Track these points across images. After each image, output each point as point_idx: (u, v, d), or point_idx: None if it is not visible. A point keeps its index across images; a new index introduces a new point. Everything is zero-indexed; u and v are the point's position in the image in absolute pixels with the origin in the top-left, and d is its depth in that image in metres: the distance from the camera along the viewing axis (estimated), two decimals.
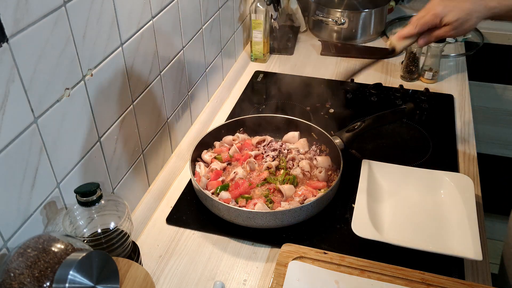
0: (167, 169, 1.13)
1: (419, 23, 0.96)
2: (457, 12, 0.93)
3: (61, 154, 0.75)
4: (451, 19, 0.93)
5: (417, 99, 1.38)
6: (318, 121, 1.28)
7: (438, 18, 0.94)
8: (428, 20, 0.95)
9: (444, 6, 0.94)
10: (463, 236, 0.90)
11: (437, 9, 0.94)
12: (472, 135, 1.25)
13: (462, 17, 0.93)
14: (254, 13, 1.50)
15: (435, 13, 0.94)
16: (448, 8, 0.94)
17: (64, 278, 0.57)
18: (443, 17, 0.94)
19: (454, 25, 0.94)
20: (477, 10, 0.93)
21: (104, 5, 0.79)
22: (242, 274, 0.91)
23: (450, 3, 0.95)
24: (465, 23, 0.94)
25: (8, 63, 0.61)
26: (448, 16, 0.93)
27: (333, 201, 1.02)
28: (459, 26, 0.94)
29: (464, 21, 0.94)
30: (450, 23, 0.94)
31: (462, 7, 0.93)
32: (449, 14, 0.93)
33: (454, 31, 0.95)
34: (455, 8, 0.94)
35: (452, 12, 0.93)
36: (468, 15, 0.93)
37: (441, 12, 0.94)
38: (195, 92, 1.25)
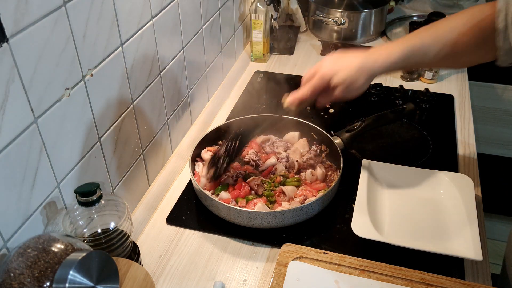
0: (167, 169, 1.13)
1: (310, 87, 0.89)
2: (344, 72, 0.86)
3: (61, 154, 0.75)
4: (339, 81, 0.87)
5: (417, 99, 1.38)
6: (318, 121, 1.28)
7: (325, 81, 0.88)
8: (316, 83, 0.89)
9: (331, 67, 0.88)
10: (463, 236, 0.90)
11: (324, 70, 0.88)
12: (472, 135, 1.25)
13: (350, 76, 0.86)
14: (254, 13, 1.50)
15: (321, 75, 0.88)
16: (335, 68, 0.87)
17: (64, 278, 0.57)
18: (331, 78, 0.87)
19: (344, 86, 0.87)
20: (366, 68, 0.86)
21: (104, 5, 0.79)
22: (242, 274, 0.91)
23: (339, 62, 0.88)
24: (354, 82, 0.87)
25: (8, 63, 0.61)
26: (336, 78, 0.87)
27: (333, 201, 1.02)
28: (349, 86, 0.87)
29: (354, 81, 0.87)
30: (339, 84, 0.87)
31: (350, 66, 0.87)
32: (336, 75, 0.87)
33: (344, 92, 0.88)
34: (342, 68, 0.87)
35: (340, 73, 0.87)
36: (356, 74, 0.86)
37: (327, 74, 0.87)
38: (195, 92, 1.25)
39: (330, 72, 0.87)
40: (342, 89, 0.88)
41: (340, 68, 0.87)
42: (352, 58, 0.88)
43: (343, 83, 0.87)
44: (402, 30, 1.78)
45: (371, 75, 0.88)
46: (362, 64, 0.87)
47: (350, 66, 0.87)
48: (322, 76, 0.88)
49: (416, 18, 1.82)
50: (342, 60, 0.88)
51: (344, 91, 0.88)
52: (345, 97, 0.89)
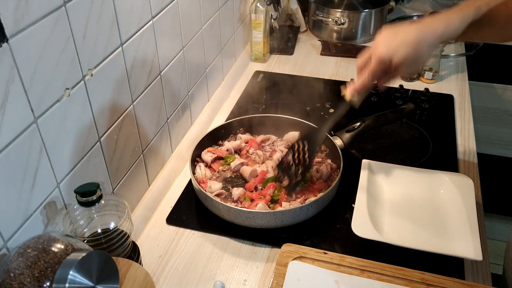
0: (167, 169, 1.13)
1: (370, 72, 0.85)
2: (404, 49, 0.81)
3: (61, 154, 0.75)
4: (400, 59, 0.81)
5: (417, 99, 1.38)
6: (318, 121, 1.28)
7: (385, 63, 0.83)
8: (376, 68, 0.84)
9: (388, 47, 0.82)
10: (463, 236, 0.90)
11: (381, 52, 0.82)
12: (472, 135, 1.25)
13: (411, 52, 0.81)
14: (254, 13, 1.50)
15: (379, 58, 0.83)
16: (393, 48, 0.82)
17: (64, 278, 0.57)
18: (391, 59, 0.82)
19: (406, 63, 0.82)
20: (425, 39, 0.81)
21: (104, 5, 0.79)
22: (242, 274, 0.91)
23: (394, 40, 0.82)
24: (417, 58, 0.82)
25: (8, 63, 0.61)
26: (396, 57, 0.81)
27: (333, 201, 1.02)
28: (412, 63, 0.83)
29: (416, 56, 0.82)
30: (401, 63, 0.82)
31: (408, 41, 0.81)
32: (396, 55, 0.81)
33: (409, 69, 0.84)
34: (400, 46, 0.81)
35: (399, 51, 0.81)
36: (417, 48, 0.81)
37: (386, 55, 0.82)
38: (195, 92, 1.25)
39: (388, 52, 0.82)
40: (406, 67, 0.83)
41: (397, 47, 0.81)
42: (407, 32, 0.82)
43: (405, 62, 0.82)
44: None
45: (432, 46, 0.82)
46: (420, 37, 0.81)
47: (408, 42, 0.81)
48: (381, 59, 0.83)
49: (416, 18, 1.82)
50: (397, 37, 0.82)
51: (407, 67, 0.84)
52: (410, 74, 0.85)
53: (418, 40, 0.81)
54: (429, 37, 0.81)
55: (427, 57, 0.84)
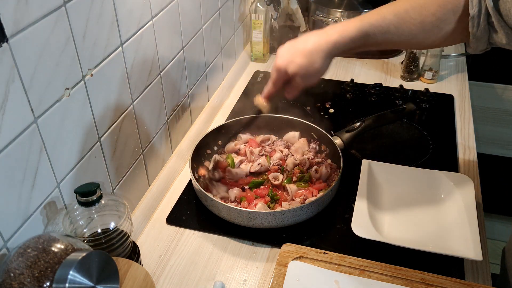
0: (167, 169, 1.13)
1: (272, 81, 0.87)
2: (298, 59, 0.82)
3: (61, 154, 0.75)
4: (295, 70, 0.82)
5: (417, 99, 1.38)
6: (318, 121, 1.28)
7: (282, 72, 0.84)
8: (275, 77, 0.85)
9: (285, 57, 0.83)
10: (463, 236, 0.90)
11: (277, 62, 0.84)
12: (472, 135, 1.25)
13: (304, 62, 0.82)
14: (254, 13, 1.50)
15: (276, 68, 0.84)
16: (287, 57, 0.83)
17: (64, 278, 0.57)
18: (286, 69, 0.83)
19: (301, 74, 0.83)
20: (318, 48, 0.81)
21: (104, 5, 0.79)
22: (242, 274, 0.91)
23: (292, 49, 0.83)
24: (311, 67, 0.82)
25: (8, 63, 0.61)
26: (291, 67, 0.82)
27: (333, 201, 1.02)
28: (306, 73, 0.83)
29: (309, 66, 0.82)
30: (296, 73, 0.83)
31: (303, 51, 0.82)
32: (290, 65, 0.82)
33: (305, 79, 0.84)
34: (296, 55, 0.82)
35: (294, 62, 0.82)
36: (311, 58, 0.81)
37: (282, 65, 0.83)
38: (195, 92, 1.25)
39: (284, 62, 0.83)
40: (301, 77, 0.83)
41: (292, 57, 0.82)
42: (304, 42, 0.83)
43: (299, 71, 0.83)
44: None
45: (327, 56, 0.82)
46: (314, 46, 0.81)
47: (302, 52, 0.82)
48: (278, 69, 0.84)
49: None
50: (294, 47, 0.83)
51: (303, 78, 0.84)
52: (307, 84, 0.86)
53: (311, 50, 0.81)
54: (322, 45, 0.81)
55: (322, 67, 0.83)
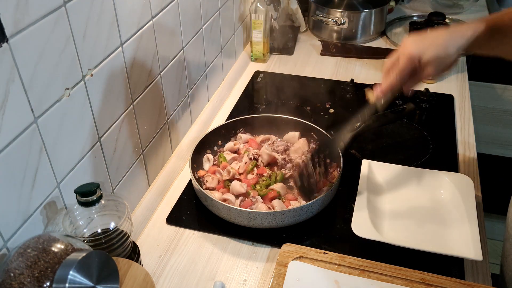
0: (167, 169, 1.13)
1: (398, 72, 0.85)
2: (433, 48, 0.82)
3: (61, 154, 0.75)
4: (430, 58, 0.82)
5: (417, 99, 1.38)
6: (318, 121, 1.28)
7: (415, 60, 0.83)
8: (405, 65, 0.84)
9: (418, 46, 0.83)
10: (463, 236, 0.90)
11: (411, 50, 0.83)
12: (472, 135, 1.25)
13: (440, 52, 0.82)
14: (254, 13, 1.50)
15: (410, 56, 0.83)
16: (423, 47, 0.83)
17: (64, 278, 0.57)
18: (420, 58, 0.83)
19: (435, 63, 0.83)
20: (454, 41, 0.83)
21: (104, 5, 0.79)
22: (242, 274, 0.91)
23: (424, 41, 0.84)
24: (445, 58, 0.83)
25: (8, 63, 0.61)
26: (426, 55, 0.82)
27: (333, 201, 1.02)
28: (440, 63, 0.83)
29: (444, 57, 0.83)
30: (430, 62, 0.83)
31: (438, 42, 0.83)
32: (426, 53, 0.82)
33: (436, 70, 0.84)
34: (430, 45, 0.83)
35: (429, 50, 0.82)
36: (447, 49, 0.83)
37: (416, 53, 0.83)
38: (195, 92, 1.25)
39: (417, 51, 0.82)
40: (434, 67, 0.83)
41: (427, 46, 0.82)
42: (437, 34, 0.84)
43: (435, 61, 0.82)
44: (402, 30, 1.78)
45: (460, 49, 0.84)
46: (450, 39, 0.83)
47: (437, 42, 0.82)
48: (410, 57, 0.83)
49: (416, 18, 1.82)
50: (427, 38, 0.84)
51: (436, 68, 0.83)
52: (436, 75, 0.86)
53: (447, 41, 0.83)
54: (458, 39, 0.83)
55: (455, 59, 0.85)
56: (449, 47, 0.83)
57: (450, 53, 0.83)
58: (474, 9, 1.89)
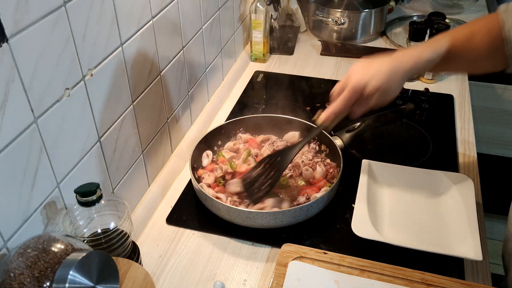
0: (167, 169, 1.13)
1: (342, 100, 0.86)
2: (377, 79, 0.83)
3: (61, 154, 0.75)
4: (373, 89, 0.83)
5: (417, 99, 1.38)
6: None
7: (358, 91, 0.85)
8: (349, 95, 0.85)
9: (362, 76, 0.84)
10: (463, 236, 0.90)
11: (355, 81, 0.84)
12: (472, 135, 1.25)
13: (384, 82, 0.83)
14: (254, 13, 1.50)
15: (353, 87, 0.85)
16: (367, 77, 0.84)
17: (64, 278, 0.57)
18: (365, 87, 0.84)
19: (379, 93, 0.84)
20: (396, 72, 0.84)
21: (104, 5, 0.79)
22: (242, 274, 0.91)
23: (369, 70, 0.85)
24: (389, 88, 0.84)
25: (8, 63, 0.61)
26: (369, 86, 0.84)
27: (333, 201, 1.02)
28: (383, 93, 0.84)
29: (388, 87, 0.84)
30: (374, 92, 0.84)
31: (382, 72, 0.83)
32: (369, 84, 0.83)
33: (381, 99, 0.85)
34: (375, 75, 0.83)
35: (372, 81, 0.83)
36: (389, 80, 0.83)
37: (359, 84, 0.84)
38: (195, 92, 1.25)
39: (361, 81, 0.84)
40: (377, 97, 0.85)
41: (371, 76, 0.84)
42: (381, 63, 0.85)
43: (378, 91, 0.84)
44: (402, 30, 1.78)
45: (405, 77, 0.86)
46: (394, 67, 0.84)
47: (381, 72, 0.84)
48: (354, 87, 0.85)
49: (416, 18, 1.82)
50: (371, 67, 0.85)
51: (380, 98, 0.85)
52: (381, 104, 0.87)
53: (392, 71, 0.84)
54: (402, 67, 0.85)
55: (398, 89, 0.87)
56: (391, 78, 0.84)
57: (393, 84, 0.85)
58: (474, 9, 1.89)
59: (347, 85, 0.86)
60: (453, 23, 1.76)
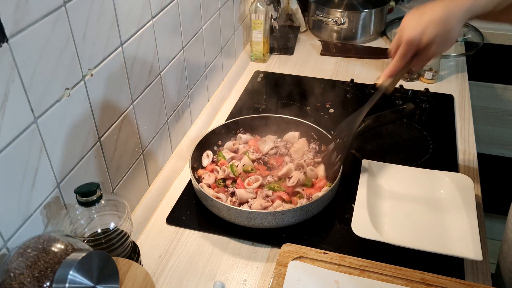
0: (167, 169, 1.13)
1: (400, 56, 0.83)
2: (432, 28, 0.79)
3: (61, 154, 0.75)
4: (430, 38, 0.80)
5: (417, 99, 1.38)
6: (318, 121, 1.28)
7: (415, 43, 0.81)
8: (405, 50, 0.82)
9: (415, 27, 0.80)
10: (463, 236, 0.90)
11: (409, 33, 0.81)
12: (472, 135, 1.25)
13: (440, 30, 0.79)
14: (254, 13, 1.50)
15: (408, 40, 0.81)
16: (421, 28, 0.80)
17: (64, 278, 0.57)
18: (420, 39, 0.80)
19: (437, 42, 0.80)
20: (453, 15, 0.80)
21: (104, 5, 0.79)
22: (242, 274, 0.91)
23: (421, 20, 0.80)
24: (447, 35, 0.80)
25: (8, 63, 0.61)
26: (426, 36, 0.80)
27: (333, 201, 1.02)
28: (442, 41, 0.81)
29: (446, 33, 0.80)
30: (431, 43, 0.80)
31: (436, 19, 0.79)
32: (425, 34, 0.80)
33: (440, 47, 0.82)
34: (429, 25, 0.79)
35: (428, 30, 0.80)
36: (446, 25, 0.79)
37: (414, 36, 0.80)
38: (195, 92, 1.25)
39: (416, 33, 0.80)
40: (436, 46, 0.81)
41: (425, 26, 0.79)
42: (434, 11, 0.80)
43: (435, 40, 0.80)
44: None
45: (462, 21, 0.80)
46: (448, 13, 0.79)
47: (436, 20, 0.79)
48: (409, 41, 0.81)
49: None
50: (423, 17, 0.80)
51: (439, 47, 0.81)
52: (441, 52, 0.84)
53: (446, 17, 0.79)
54: (457, 11, 0.79)
55: (457, 33, 0.82)
56: (448, 23, 0.79)
57: (451, 29, 0.80)
58: None
59: (401, 39, 0.82)
60: None
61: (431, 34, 0.80)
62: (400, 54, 0.84)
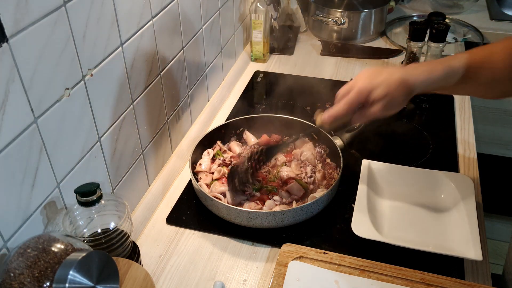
0: (167, 169, 1.13)
1: (346, 102, 0.83)
2: (384, 86, 0.80)
3: (61, 154, 0.75)
4: (379, 96, 0.80)
5: (417, 99, 1.38)
6: None
7: (363, 96, 0.82)
8: (353, 99, 0.82)
9: (370, 81, 0.81)
10: (463, 236, 0.90)
11: (363, 84, 0.82)
12: (472, 135, 1.25)
13: (391, 91, 0.80)
14: (254, 13, 1.50)
15: (359, 90, 0.82)
16: (374, 83, 0.81)
17: (64, 278, 0.57)
18: (371, 92, 0.81)
19: (383, 101, 0.81)
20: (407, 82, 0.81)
21: (104, 5, 0.79)
22: (242, 274, 0.91)
23: (379, 75, 0.82)
24: (395, 98, 0.81)
25: (8, 63, 0.61)
26: (375, 93, 0.80)
27: (333, 201, 1.02)
28: (389, 102, 0.81)
29: (394, 96, 0.81)
30: (379, 100, 0.81)
31: (390, 81, 0.80)
32: (375, 90, 0.80)
33: (385, 109, 0.82)
34: (382, 83, 0.80)
35: (379, 88, 0.80)
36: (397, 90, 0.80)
37: (365, 88, 0.81)
38: (195, 92, 1.25)
39: (368, 86, 0.81)
40: (382, 106, 0.81)
41: (379, 83, 0.81)
42: (392, 72, 0.82)
43: (383, 99, 0.81)
44: (402, 30, 1.78)
45: (412, 92, 0.82)
46: (403, 78, 0.81)
47: (390, 81, 0.81)
48: (360, 91, 0.82)
49: (416, 18, 1.82)
50: (381, 74, 0.82)
51: (384, 107, 0.82)
52: (383, 115, 0.84)
53: (400, 81, 0.81)
54: (412, 81, 0.81)
55: (404, 101, 0.83)
56: (400, 88, 0.81)
57: (400, 94, 0.81)
58: (474, 9, 1.88)
59: (353, 88, 0.83)
60: (453, 23, 1.76)
61: (382, 91, 0.80)
62: (348, 100, 0.83)
